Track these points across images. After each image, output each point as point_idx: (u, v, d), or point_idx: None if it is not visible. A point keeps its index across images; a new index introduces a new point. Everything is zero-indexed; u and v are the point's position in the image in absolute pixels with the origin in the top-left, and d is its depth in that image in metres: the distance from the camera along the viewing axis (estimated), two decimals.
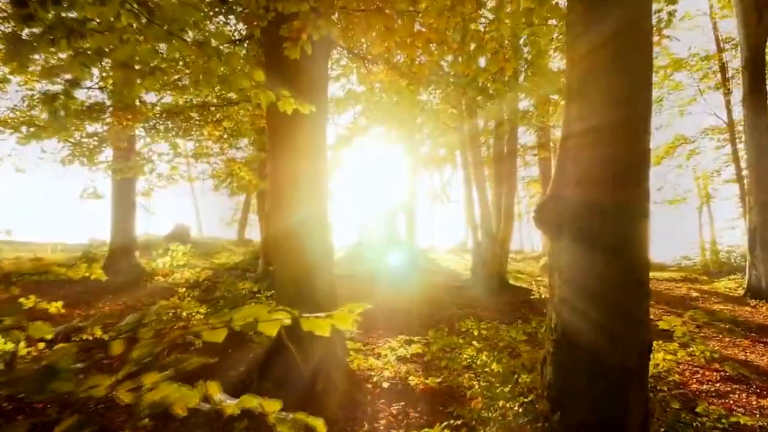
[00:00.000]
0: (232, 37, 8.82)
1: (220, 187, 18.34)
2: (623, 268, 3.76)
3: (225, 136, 13.15)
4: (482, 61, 7.50)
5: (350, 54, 9.27)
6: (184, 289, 8.79)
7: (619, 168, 3.79)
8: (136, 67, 4.00)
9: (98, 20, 3.07)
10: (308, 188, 6.44)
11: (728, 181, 23.10)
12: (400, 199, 24.10)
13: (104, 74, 8.93)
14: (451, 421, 4.65)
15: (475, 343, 6.56)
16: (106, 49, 3.29)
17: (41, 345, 5.65)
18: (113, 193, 15.12)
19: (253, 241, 25.31)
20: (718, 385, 6.29)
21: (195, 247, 21.04)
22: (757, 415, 5.32)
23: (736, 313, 11.43)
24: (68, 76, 3.54)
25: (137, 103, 9.56)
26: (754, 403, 5.73)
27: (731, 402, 5.75)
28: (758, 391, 6.07)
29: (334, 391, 5.43)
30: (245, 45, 8.91)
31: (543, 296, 12.82)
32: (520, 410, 4.47)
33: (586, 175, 3.89)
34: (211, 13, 7.57)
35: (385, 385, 5.94)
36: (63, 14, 3.15)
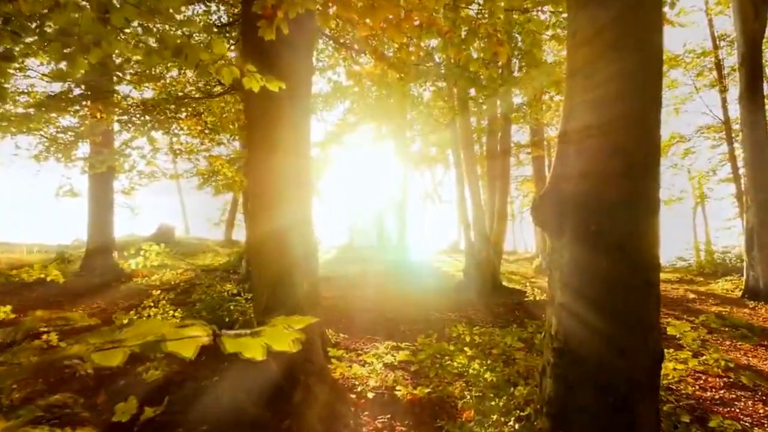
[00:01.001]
0: (213, 23, 8.39)
1: (204, 186, 17.84)
2: (631, 269, 3.35)
3: (206, 131, 12.67)
4: (474, 53, 7.10)
5: (336, 44, 8.85)
6: (159, 292, 8.35)
7: (630, 158, 3.38)
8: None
9: None
10: (290, 186, 6.02)
11: (724, 180, 22.90)
12: (390, 199, 23.68)
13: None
14: None
15: (467, 349, 6.15)
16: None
17: None
18: (90, 191, 14.58)
19: (240, 242, 24.77)
20: (722, 392, 5.91)
21: (179, 248, 20.60)
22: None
23: (735, 315, 11.20)
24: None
25: (115, 96, 9.18)
26: (761, 411, 5.37)
27: (737, 410, 5.39)
28: (764, 398, 5.70)
29: (313, 403, 4.99)
30: (227, 33, 8.50)
31: (538, 298, 12.51)
32: (517, 426, 4.05)
33: (591, 165, 3.48)
34: None
35: (370, 395, 5.51)
36: None
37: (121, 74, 9.70)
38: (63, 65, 3.12)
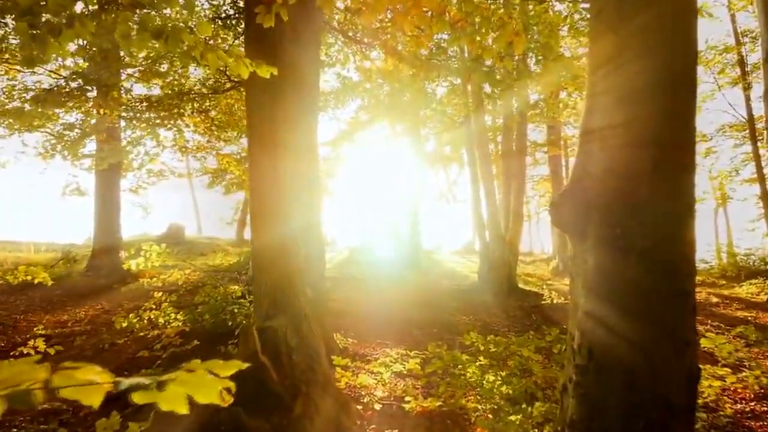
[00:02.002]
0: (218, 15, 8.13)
1: (214, 185, 17.66)
2: (664, 276, 2.98)
3: (213, 128, 12.43)
4: (488, 44, 6.75)
5: (345, 37, 8.54)
6: (160, 294, 8.10)
7: (661, 152, 3.00)
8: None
9: None
10: (294, 188, 5.72)
11: (747, 180, 22.26)
12: (404, 199, 23.35)
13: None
14: None
15: (481, 358, 5.80)
16: None
17: None
18: (96, 190, 14.37)
19: None
20: (752, 403, 5.53)
21: (190, 248, 20.43)
22: None
23: (761, 320, 10.82)
24: None
25: (115, 91, 8.95)
26: None
27: None
28: None
29: (316, 416, 4.67)
30: (231, 26, 8.23)
31: (555, 302, 12.14)
32: None
33: (618, 162, 3.10)
34: None
35: (377, 406, 5.18)
36: None
37: (122, 68, 9.48)
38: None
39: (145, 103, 10.03)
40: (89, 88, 8.44)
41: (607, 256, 3.09)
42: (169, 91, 10.26)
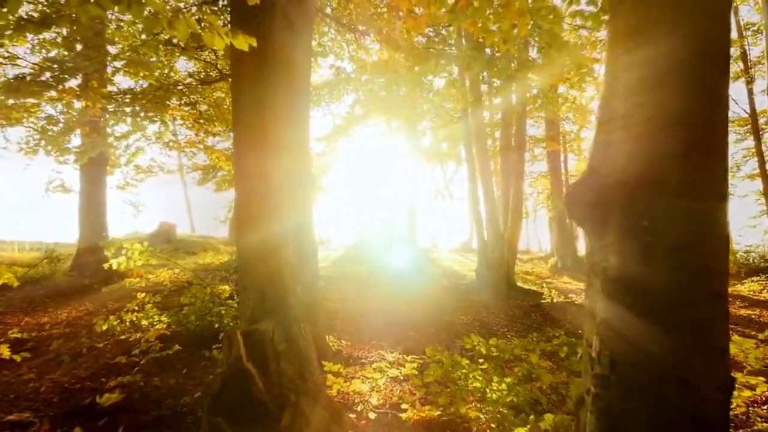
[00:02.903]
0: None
1: (205, 183, 17.29)
2: (695, 275, 2.63)
3: (201, 121, 12.07)
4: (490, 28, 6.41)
5: (338, 25, 8.16)
6: (143, 294, 7.73)
7: (690, 134, 2.64)
8: None
9: None
10: (284, 186, 5.37)
11: (749, 176, 21.96)
12: (400, 196, 23.02)
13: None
14: None
15: (483, 362, 5.44)
16: None
17: None
18: (81, 187, 14.02)
19: None
20: (765, 408, 5.22)
21: (181, 246, 20.08)
22: None
23: (766, 319, 10.63)
24: None
25: (92, 81, 8.58)
26: None
27: None
28: None
29: (305, 427, 4.31)
30: (220, 11, 7.85)
31: (555, 300, 11.83)
32: None
33: (644, 143, 2.74)
34: None
35: (372, 415, 4.83)
36: None
37: (106, 60, 9.11)
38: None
39: (128, 96, 9.65)
40: (66, 77, 8.06)
41: (631, 253, 2.72)
42: (153, 81, 9.87)
